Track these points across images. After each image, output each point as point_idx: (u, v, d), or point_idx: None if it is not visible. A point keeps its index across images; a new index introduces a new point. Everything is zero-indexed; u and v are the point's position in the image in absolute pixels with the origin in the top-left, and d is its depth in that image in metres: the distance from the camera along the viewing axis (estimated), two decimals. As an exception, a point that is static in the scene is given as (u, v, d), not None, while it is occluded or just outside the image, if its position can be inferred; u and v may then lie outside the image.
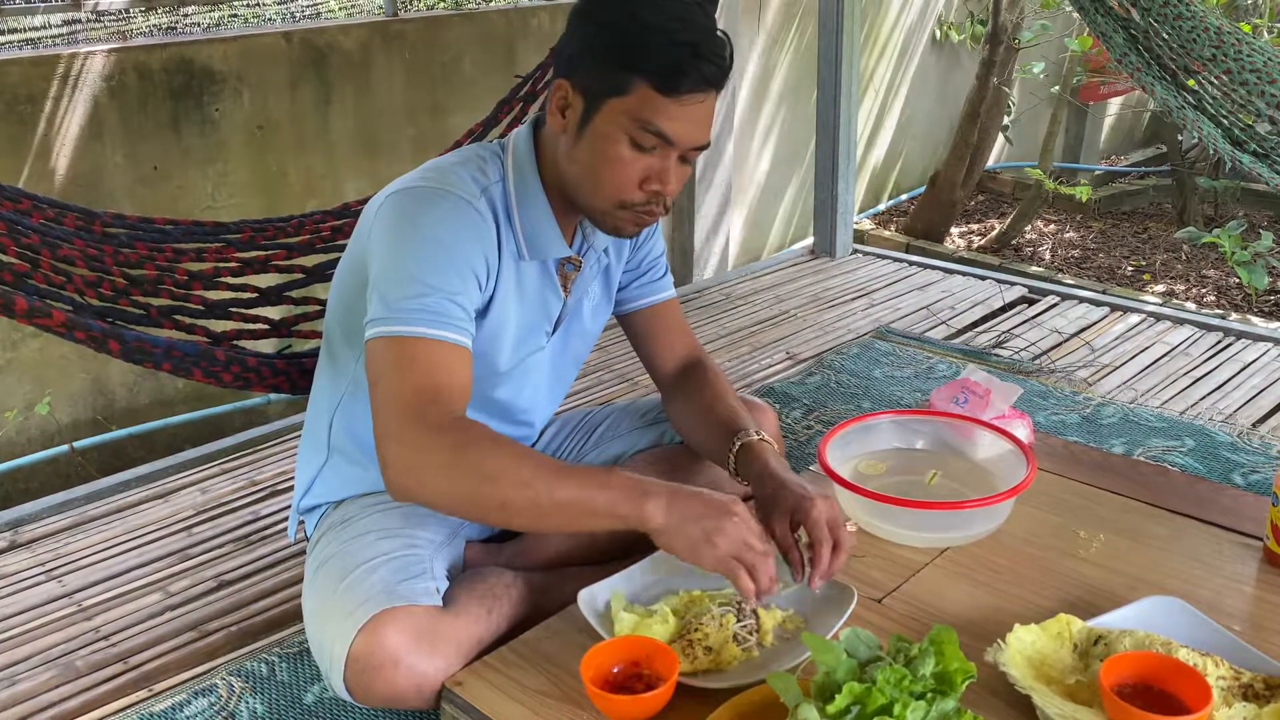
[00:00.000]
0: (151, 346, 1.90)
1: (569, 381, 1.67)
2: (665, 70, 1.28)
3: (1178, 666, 1.16)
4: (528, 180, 1.41)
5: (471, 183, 1.37)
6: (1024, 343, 2.80)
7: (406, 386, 1.26)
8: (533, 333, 1.50)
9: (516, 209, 1.41)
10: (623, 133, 1.31)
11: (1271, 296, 4.64)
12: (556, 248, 1.44)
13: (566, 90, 1.35)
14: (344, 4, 3.94)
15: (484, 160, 1.42)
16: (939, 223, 5.39)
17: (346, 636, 1.28)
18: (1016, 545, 1.54)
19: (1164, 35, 2.36)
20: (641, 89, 1.29)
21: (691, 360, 1.67)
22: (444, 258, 1.31)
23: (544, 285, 1.48)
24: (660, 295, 1.66)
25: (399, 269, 1.31)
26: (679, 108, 1.29)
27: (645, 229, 1.57)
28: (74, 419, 3.12)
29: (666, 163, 1.33)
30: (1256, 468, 2.07)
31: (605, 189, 1.35)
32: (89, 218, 2.10)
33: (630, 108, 1.30)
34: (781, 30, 4.91)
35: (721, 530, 1.23)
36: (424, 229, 1.32)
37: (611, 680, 1.22)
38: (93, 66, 2.95)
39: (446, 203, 1.34)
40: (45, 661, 1.67)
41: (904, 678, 1.06)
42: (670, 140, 1.31)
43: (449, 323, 1.30)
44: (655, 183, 1.34)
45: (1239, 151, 2.32)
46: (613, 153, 1.32)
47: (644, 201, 1.36)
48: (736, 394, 1.62)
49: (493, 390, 1.50)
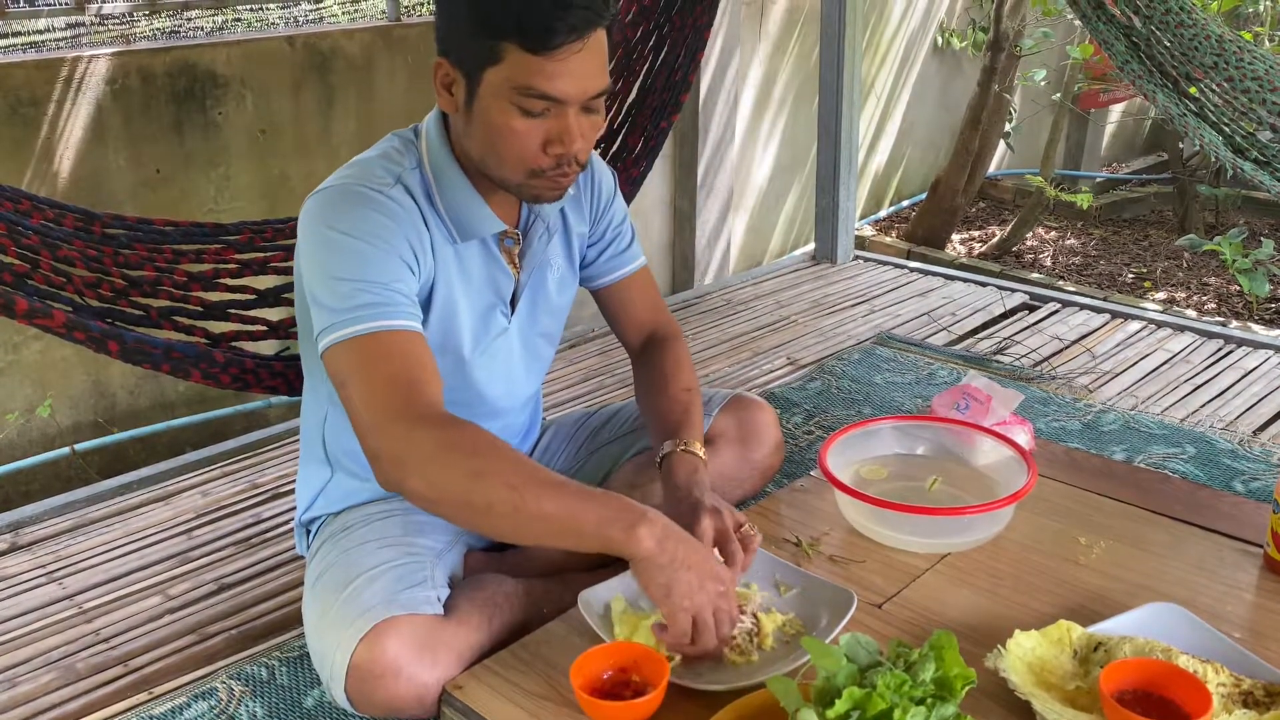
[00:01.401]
0: (151, 348, 1.90)
1: (547, 359, 1.63)
2: (530, 28, 1.21)
3: (1178, 673, 1.16)
4: (442, 162, 1.38)
5: (384, 173, 1.35)
6: (1025, 349, 2.80)
7: (378, 381, 1.24)
8: (490, 314, 1.47)
9: (438, 192, 1.38)
10: (508, 103, 1.26)
11: (1272, 304, 4.64)
12: (487, 225, 1.40)
13: (446, 68, 1.31)
14: (347, 8, 3.94)
15: (398, 150, 1.39)
16: (940, 229, 5.39)
17: (348, 646, 1.27)
18: (1017, 551, 1.54)
19: (1166, 43, 2.36)
20: (513, 53, 1.23)
21: (655, 335, 1.66)
22: (369, 253, 1.28)
23: (489, 265, 1.44)
24: (627, 269, 1.64)
25: (329, 275, 1.28)
26: (556, 64, 1.23)
27: (606, 193, 1.57)
28: (75, 421, 3.12)
29: (564, 121, 1.28)
30: (1257, 475, 2.07)
31: (508, 162, 1.31)
32: (89, 219, 2.10)
33: (507, 75, 1.24)
34: (783, 37, 4.91)
35: (701, 588, 1.23)
36: (341, 230, 1.29)
37: (601, 686, 1.22)
38: (96, 70, 2.96)
39: (359, 198, 1.31)
40: (46, 664, 1.66)
41: (904, 683, 1.06)
42: (558, 99, 1.25)
43: (397, 310, 1.27)
44: (558, 145, 1.29)
45: (1240, 159, 2.32)
46: (504, 125, 1.27)
47: (554, 165, 1.31)
48: (687, 379, 1.59)
49: (463, 378, 1.48)
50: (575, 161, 1.32)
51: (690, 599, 1.22)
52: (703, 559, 1.25)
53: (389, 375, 1.24)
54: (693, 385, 1.59)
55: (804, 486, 1.75)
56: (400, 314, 1.28)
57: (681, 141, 4.47)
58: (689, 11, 2.70)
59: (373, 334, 1.25)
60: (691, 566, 1.22)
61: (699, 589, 1.22)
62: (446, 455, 1.20)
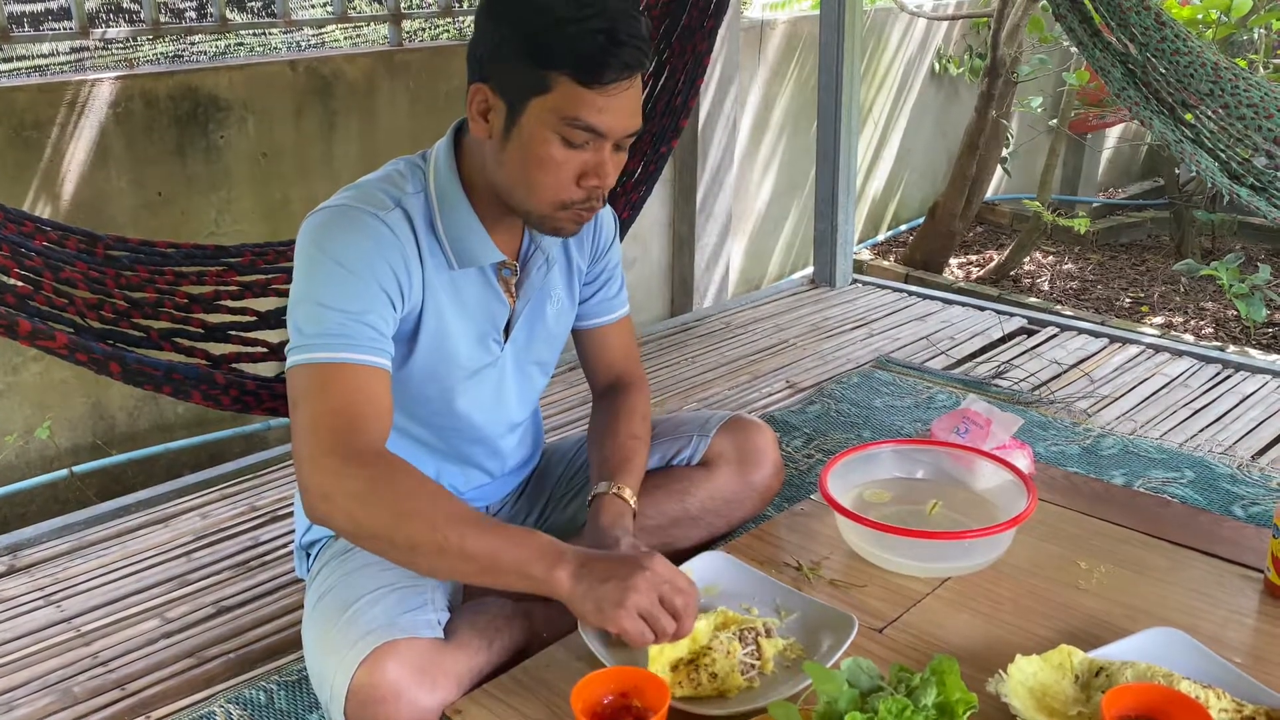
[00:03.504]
0: (152, 369, 1.91)
1: (539, 386, 1.64)
2: (585, 62, 1.24)
3: (1180, 699, 1.16)
4: (448, 188, 1.39)
5: (384, 197, 1.35)
6: (1023, 373, 2.81)
7: (323, 412, 1.25)
8: (483, 342, 1.48)
9: (440, 218, 1.39)
10: (552, 132, 1.28)
11: (1269, 329, 4.65)
12: (486, 254, 1.41)
13: (486, 94, 1.32)
14: (349, 33, 3.97)
15: (402, 174, 1.40)
16: (938, 253, 5.41)
17: (348, 670, 1.27)
18: (1018, 575, 1.54)
19: (1161, 70, 2.38)
20: (563, 84, 1.25)
21: (620, 382, 1.68)
22: (349, 279, 1.29)
23: (486, 293, 1.45)
24: (613, 315, 1.67)
25: (306, 296, 1.30)
26: (605, 98, 1.26)
27: (607, 235, 1.59)
28: (74, 443, 3.11)
29: (601, 155, 1.31)
30: (1257, 500, 2.07)
31: (541, 191, 1.32)
32: (91, 240, 2.11)
33: (555, 105, 1.26)
34: (782, 62, 4.95)
35: (634, 588, 1.22)
36: (328, 253, 1.30)
37: (602, 711, 1.21)
38: (99, 93, 2.98)
39: (352, 221, 1.32)
40: (43, 687, 1.66)
41: (905, 708, 1.06)
42: (602, 133, 1.28)
43: (359, 345, 1.29)
44: (593, 178, 1.31)
45: (1237, 185, 2.34)
46: (545, 154, 1.29)
47: (583, 199, 1.33)
48: (637, 428, 1.60)
49: (450, 403, 1.48)
50: (601, 196, 1.35)
51: (620, 605, 1.21)
52: (620, 566, 1.25)
53: (334, 408, 1.26)
54: (641, 435, 1.60)
55: (804, 510, 1.75)
56: (362, 348, 1.29)
57: (681, 166, 4.50)
58: (689, 38, 2.72)
59: (329, 364, 1.27)
60: (610, 577, 1.23)
61: (626, 591, 1.22)
62: (372, 495, 1.22)
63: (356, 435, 1.26)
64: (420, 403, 1.47)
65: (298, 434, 1.27)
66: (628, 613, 1.22)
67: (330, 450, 1.24)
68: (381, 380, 1.31)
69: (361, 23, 3.85)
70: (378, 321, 1.31)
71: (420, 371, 1.43)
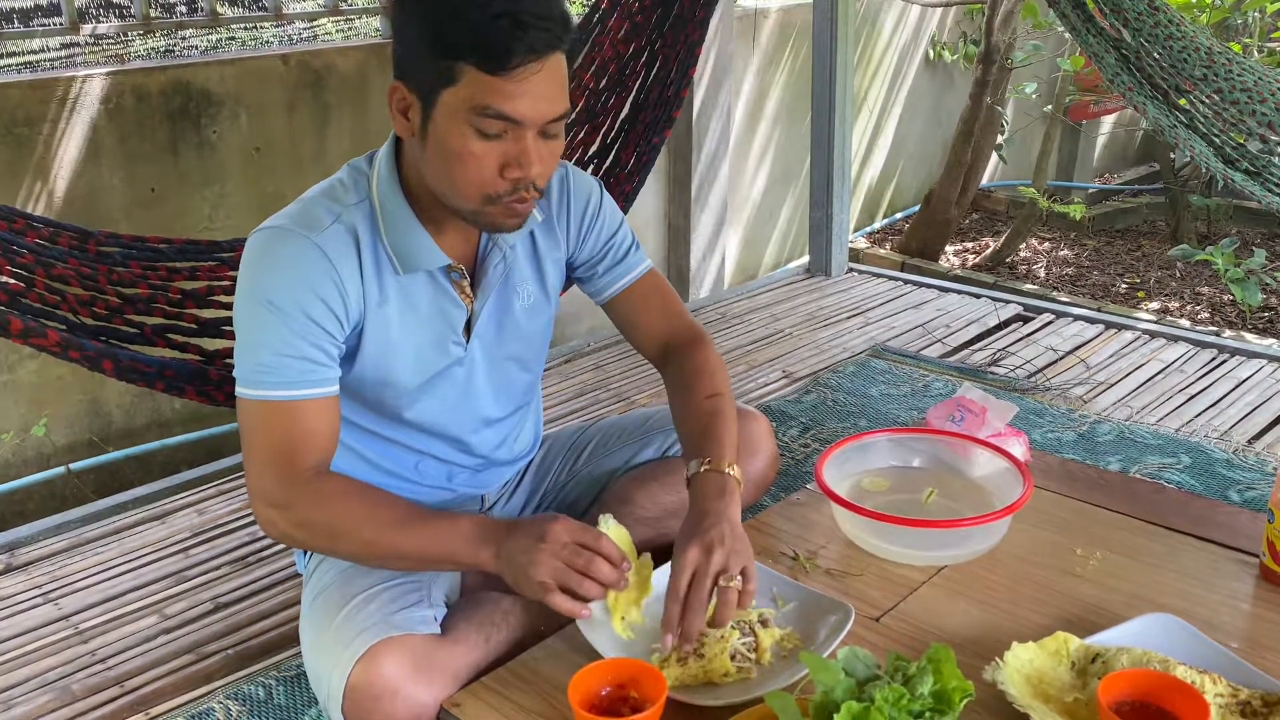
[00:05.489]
0: (145, 366, 1.91)
1: (522, 383, 1.60)
2: (488, 49, 1.20)
3: (1176, 684, 1.16)
4: (388, 193, 1.36)
5: (323, 214, 1.34)
6: (1019, 360, 2.81)
7: (258, 449, 1.32)
8: (438, 346, 1.45)
9: (383, 225, 1.37)
10: (464, 125, 1.24)
11: (1265, 313, 4.66)
12: (428, 258, 1.38)
13: (403, 91, 1.29)
14: (341, 27, 3.96)
15: (344, 184, 1.38)
16: (933, 241, 5.40)
17: (344, 667, 1.27)
18: (1013, 563, 1.54)
19: (1155, 55, 2.38)
20: (469, 74, 1.21)
21: (673, 343, 1.62)
22: (277, 320, 1.30)
23: (438, 296, 1.42)
24: (630, 276, 1.60)
25: (242, 334, 1.33)
26: (514, 84, 1.21)
27: (590, 207, 1.55)
28: (70, 441, 3.11)
29: (522, 144, 1.25)
30: (1252, 484, 2.07)
31: (464, 187, 1.29)
32: (83, 237, 2.10)
33: (464, 96, 1.22)
34: (776, 50, 4.94)
35: (535, 561, 1.26)
36: (257, 293, 1.31)
37: (599, 703, 1.22)
38: (91, 89, 2.97)
39: (283, 250, 1.31)
40: (42, 685, 1.66)
41: (902, 696, 1.06)
42: (515, 120, 1.23)
43: (292, 381, 1.31)
44: (515, 169, 1.26)
45: (1231, 170, 2.34)
46: (460, 148, 1.25)
47: (510, 190, 1.29)
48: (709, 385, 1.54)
49: (406, 409, 1.47)
50: (533, 187, 1.30)
51: (536, 578, 1.26)
52: (522, 539, 1.28)
53: (268, 443, 1.31)
54: (719, 390, 1.54)
55: (800, 500, 1.75)
56: (295, 384, 1.31)
57: (675, 156, 4.49)
58: (681, 28, 2.71)
59: (265, 401, 1.31)
60: (515, 554, 1.28)
61: (530, 566, 1.26)
62: (307, 522, 1.32)
63: (292, 468, 1.31)
64: (383, 406, 1.47)
65: (245, 467, 1.35)
66: (542, 586, 1.26)
67: (270, 482, 1.31)
68: (318, 408, 1.33)
69: (353, 15, 3.84)
70: (311, 351, 1.31)
71: (374, 377, 1.42)
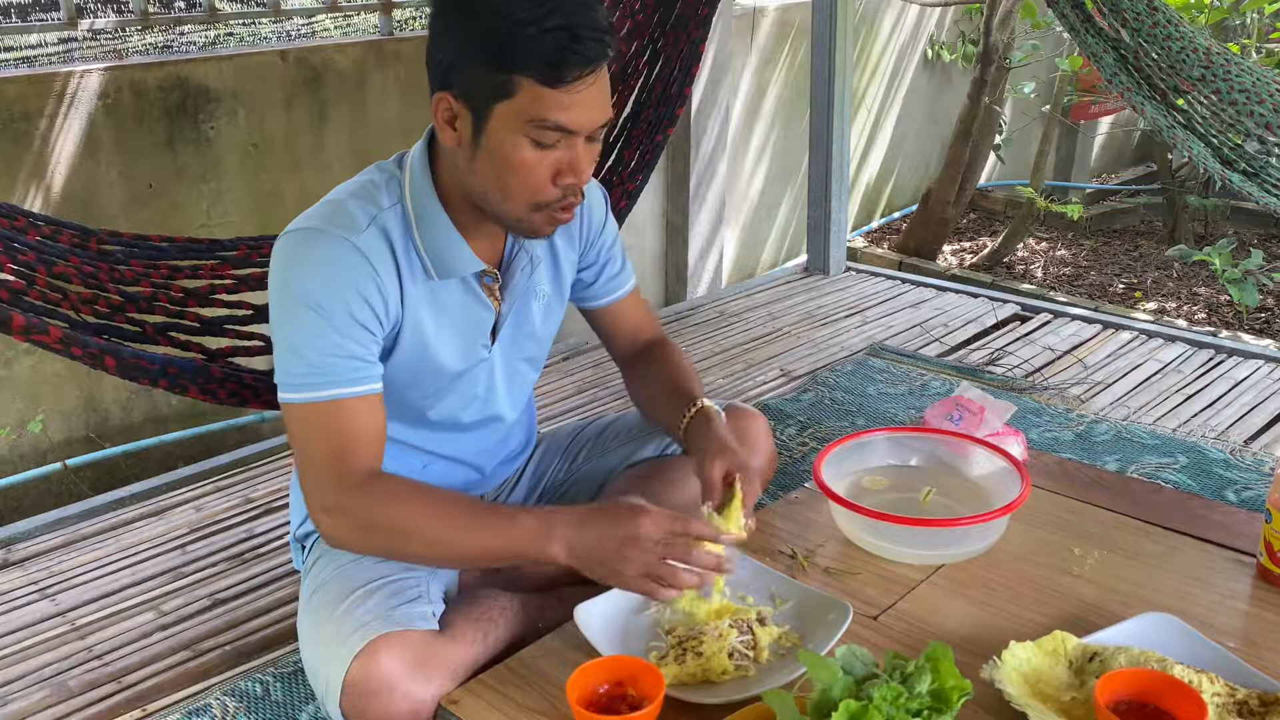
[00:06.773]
0: (148, 363, 1.90)
1: (530, 380, 1.64)
2: (546, 63, 1.22)
3: (1173, 683, 1.16)
4: (424, 199, 1.37)
5: (360, 215, 1.34)
6: (1017, 360, 2.81)
7: (311, 452, 1.32)
8: (469, 346, 1.47)
9: (418, 231, 1.37)
10: (521, 135, 1.26)
11: (1262, 314, 4.67)
12: (464, 264, 1.39)
13: (450, 102, 1.30)
14: (339, 23, 3.95)
15: (377, 185, 1.38)
16: (931, 240, 5.41)
17: (342, 662, 1.27)
18: (1011, 562, 1.54)
19: (1153, 55, 2.38)
20: (527, 86, 1.24)
21: (646, 344, 1.70)
22: (319, 321, 1.30)
23: (468, 300, 1.44)
24: (620, 293, 1.67)
25: (283, 338, 1.33)
26: (571, 96, 1.25)
27: (598, 218, 1.58)
28: (67, 436, 3.11)
29: (574, 151, 1.29)
30: (1249, 484, 2.08)
31: (517, 195, 1.31)
32: (84, 235, 2.10)
33: (521, 108, 1.25)
34: (774, 49, 4.94)
35: (626, 556, 1.27)
36: (296, 295, 1.31)
37: (598, 700, 1.22)
38: (88, 85, 2.96)
39: (320, 250, 1.31)
40: (38, 681, 1.66)
41: (900, 695, 1.06)
42: (571, 130, 1.27)
43: (341, 379, 1.31)
44: (568, 175, 1.30)
45: (1228, 170, 2.34)
46: (517, 158, 1.28)
47: (560, 197, 1.32)
48: (677, 356, 1.65)
49: (436, 406, 1.49)
50: (580, 191, 1.33)
51: (625, 569, 1.27)
52: (607, 539, 1.28)
53: (321, 446, 1.32)
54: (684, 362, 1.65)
55: (798, 498, 1.75)
56: (344, 381, 1.31)
57: (673, 154, 4.49)
58: (683, 27, 2.71)
59: (310, 403, 1.31)
60: (606, 540, 1.28)
61: (628, 557, 1.27)
62: (370, 525, 1.32)
63: (348, 467, 1.31)
64: (405, 407, 1.47)
65: (299, 471, 1.35)
66: (634, 581, 1.28)
67: (327, 487, 1.31)
68: (368, 407, 1.34)
69: (352, 11, 3.83)
70: (356, 349, 1.32)
71: (403, 379, 1.43)
